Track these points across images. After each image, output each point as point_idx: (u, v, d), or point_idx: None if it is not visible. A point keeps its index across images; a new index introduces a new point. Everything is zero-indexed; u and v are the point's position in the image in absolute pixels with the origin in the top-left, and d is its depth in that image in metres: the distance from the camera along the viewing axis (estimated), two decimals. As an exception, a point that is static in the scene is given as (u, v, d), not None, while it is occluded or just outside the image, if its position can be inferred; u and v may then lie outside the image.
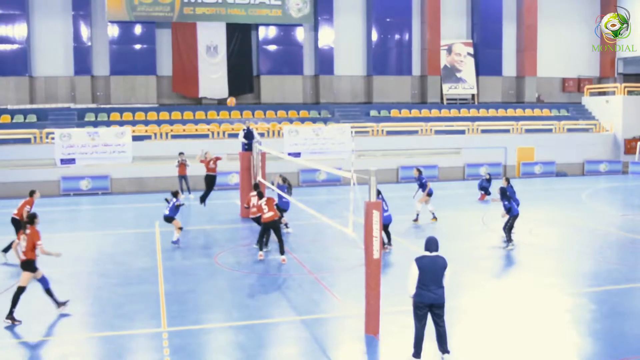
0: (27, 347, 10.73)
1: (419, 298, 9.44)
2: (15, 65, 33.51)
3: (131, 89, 34.85)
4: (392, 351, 10.23)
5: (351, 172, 11.41)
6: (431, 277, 9.36)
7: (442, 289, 9.47)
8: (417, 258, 9.53)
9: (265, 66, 36.89)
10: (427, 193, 20.98)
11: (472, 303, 12.62)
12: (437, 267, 9.43)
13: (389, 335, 10.74)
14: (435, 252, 9.52)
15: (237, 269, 15.33)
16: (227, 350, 10.44)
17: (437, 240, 9.62)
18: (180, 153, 27.14)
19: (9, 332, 11.27)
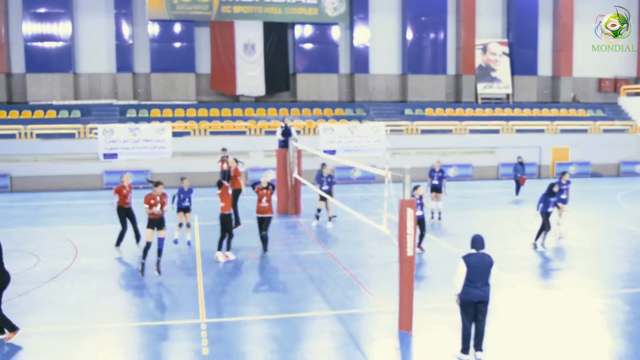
0: (68, 335, 11.17)
1: (466, 296, 9.57)
2: (61, 62, 34.58)
3: (171, 86, 35.68)
4: (425, 347, 10.39)
5: (386, 170, 11.59)
6: (478, 274, 9.50)
7: (488, 287, 9.63)
8: (464, 256, 9.66)
9: (302, 64, 37.39)
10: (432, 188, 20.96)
11: (506, 302, 12.68)
12: (485, 264, 9.57)
13: (422, 332, 10.90)
14: (482, 250, 9.67)
15: (273, 263, 15.76)
16: (263, 342, 10.75)
17: (483, 238, 9.76)
18: (223, 149, 27.80)
19: (52, 320, 11.81)
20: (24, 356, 10.38)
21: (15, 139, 29.97)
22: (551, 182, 17.42)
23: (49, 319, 11.88)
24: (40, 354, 10.40)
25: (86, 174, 29.56)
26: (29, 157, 29.62)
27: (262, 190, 16.44)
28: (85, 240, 18.15)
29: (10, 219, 22.09)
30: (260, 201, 16.39)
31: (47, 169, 29.44)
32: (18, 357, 10.35)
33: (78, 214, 23.19)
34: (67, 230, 19.87)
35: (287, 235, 19.42)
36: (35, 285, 13.89)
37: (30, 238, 18.82)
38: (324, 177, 20.36)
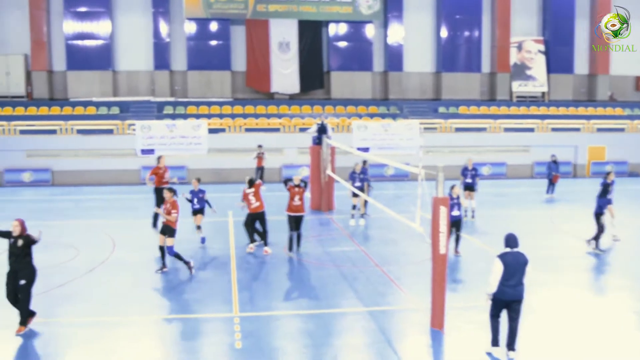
0: (104, 326, 11.49)
1: (499, 294, 9.62)
2: (100, 60, 35.29)
3: (207, 84, 36.15)
4: (457, 346, 10.45)
5: (419, 167, 11.64)
6: (513, 273, 9.53)
7: (522, 286, 9.66)
8: (500, 255, 9.69)
9: (336, 62, 37.55)
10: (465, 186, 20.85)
11: (540, 302, 12.64)
12: (519, 263, 9.60)
13: (454, 330, 10.94)
14: (516, 249, 9.71)
15: (306, 259, 15.97)
16: (295, 337, 10.95)
17: (517, 237, 9.81)
18: (259, 146, 28.23)
19: (88, 311, 12.17)
20: (61, 346, 10.73)
21: (56, 134, 30.69)
22: (604, 182, 17.13)
23: (85, 310, 12.24)
24: (76, 344, 10.73)
25: (124, 169, 30.14)
26: (69, 152, 30.30)
27: (294, 188, 16.12)
28: (122, 234, 18.60)
29: (50, 212, 22.69)
30: (293, 199, 16.06)
31: (86, 164, 30.11)
32: (55, 346, 10.70)
33: (116, 208, 23.71)
34: (105, 224, 20.36)
35: (320, 231, 19.63)
36: (73, 277, 14.31)
37: (69, 231, 19.34)
38: (357, 174, 20.50)
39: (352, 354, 10.27)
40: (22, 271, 10.84)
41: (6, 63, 34.77)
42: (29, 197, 26.24)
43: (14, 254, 10.84)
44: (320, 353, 10.24)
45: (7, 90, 34.77)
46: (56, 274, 14.43)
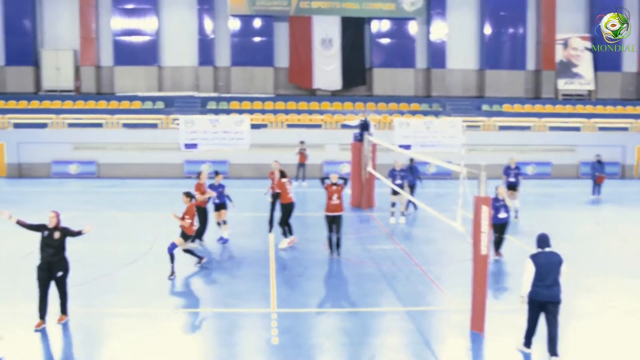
0: (144, 317, 11.68)
1: (534, 295, 9.49)
2: (146, 55, 35.86)
3: (250, 80, 36.41)
4: (497, 350, 10.29)
5: (461, 166, 11.53)
6: (547, 273, 9.39)
7: (558, 287, 9.48)
8: (532, 255, 9.59)
9: (378, 59, 37.42)
10: (507, 185, 20.48)
11: (586, 306, 12.42)
12: (553, 263, 9.45)
13: (495, 333, 10.74)
14: (549, 248, 9.57)
15: (345, 257, 15.90)
16: (332, 334, 10.91)
17: (548, 236, 9.67)
18: (301, 142, 28.34)
19: (129, 302, 12.37)
20: (100, 336, 10.94)
21: (102, 127, 31.28)
22: None
23: (125, 301, 12.44)
24: (115, 334, 10.91)
25: (167, 162, 30.57)
26: (115, 145, 30.86)
27: (331, 187, 15.39)
28: (164, 227, 18.68)
29: (95, 204, 23.14)
30: (330, 199, 15.34)
31: (131, 157, 30.61)
32: (95, 336, 10.93)
33: (158, 201, 24.03)
34: (147, 217, 20.68)
35: (360, 229, 19.60)
36: (115, 268, 14.56)
37: (112, 222, 19.69)
38: (397, 172, 20.41)
39: (389, 354, 10.21)
40: (58, 263, 10.79)
41: (56, 58, 35.57)
42: (75, 189, 26.79)
43: (50, 246, 10.74)
44: (357, 352, 10.21)
45: (57, 84, 35.57)
46: (98, 265, 14.72)
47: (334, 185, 15.44)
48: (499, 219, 14.91)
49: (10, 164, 30.19)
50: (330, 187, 15.42)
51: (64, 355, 10.25)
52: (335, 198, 15.38)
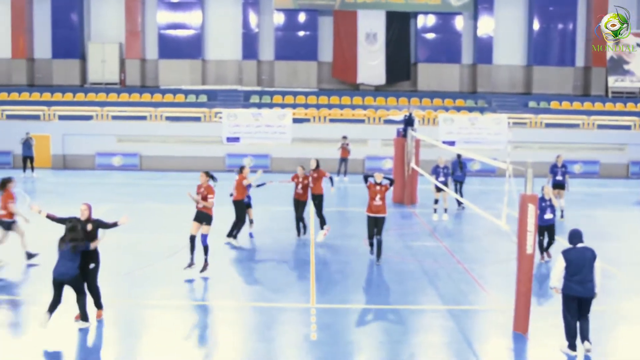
0: (184, 309, 11.72)
1: (568, 291, 9.45)
2: (191, 49, 36.05)
3: (293, 74, 36.32)
4: (541, 351, 10.08)
5: (507, 163, 11.28)
6: (579, 269, 9.35)
7: (591, 282, 9.39)
8: (564, 250, 9.54)
9: (423, 54, 36.93)
10: (554, 184, 19.77)
11: (633, 308, 12.08)
12: (586, 259, 9.39)
13: (538, 334, 10.52)
14: (582, 244, 9.49)
15: (386, 253, 15.62)
16: (372, 332, 10.81)
17: (581, 232, 9.61)
18: (343, 137, 28.17)
19: (169, 294, 12.39)
20: (139, 327, 10.99)
21: (146, 120, 31.57)
22: None
23: (166, 293, 12.47)
24: (153, 326, 10.97)
25: (210, 156, 30.67)
26: (157, 137, 31.10)
27: (375, 187, 14.51)
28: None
29: (137, 196, 23.35)
30: (373, 199, 14.46)
31: (173, 150, 30.83)
32: (133, 328, 10.98)
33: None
34: (188, 209, 20.65)
35: (402, 225, 19.34)
36: (155, 260, 14.59)
37: (154, 214, 19.81)
38: (440, 168, 20.07)
39: (429, 353, 10.03)
40: (90, 255, 10.59)
41: (102, 51, 36.02)
42: (118, 181, 27.08)
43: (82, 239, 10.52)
44: (396, 350, 10.04)
45: (102, 77, 36.02)
46: (138, 257, 14.78)
47: (378, 185, 14.54)
48: (544, 220, 14.42)
49: (56, 156, 30.70)
50: (373, 187, 14.57)
51: (101, 345, 10.29)
52: (378, 199, 14.50)
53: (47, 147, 30.58)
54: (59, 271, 10.13)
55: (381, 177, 14.60)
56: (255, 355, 9.79)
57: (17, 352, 9.69)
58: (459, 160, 21.48)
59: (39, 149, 29.11)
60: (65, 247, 10.14)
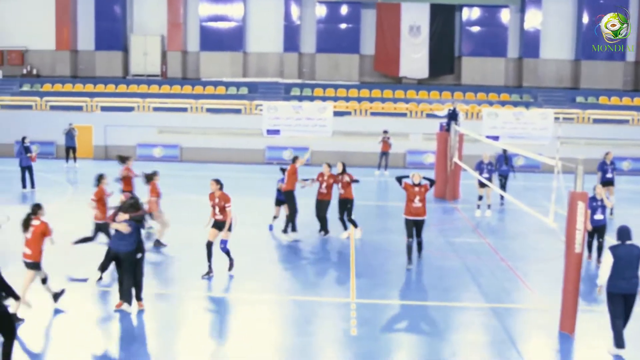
0: (224, 303, 11.65)
1: (614, 288, 9.31)
2: (232, 41, 36.02)
3: (335, 67, 36.02)
4: (587, 352, 9.77)
5: (556, 159, 10.92)
6: (626, 266, 9.25)
7: (637, 279, 9.29)
8: (611, 247, 9.41)
9: (467, 47, 36.24)
10: (603, 182, 19.02)
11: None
12: (633, 255, 9.30)
13: (585, 335, 10.18)
14: (630, 241, 9.37)
15: (427, 249, 15.32)
16: (412, 328, 10.56)
17: (630, 229, 9.45)
18: (384, 131, 27.81)
19: (208, 286, 12.30)
20: (177, 319, 10.91)
21: (187, 112, 31.66)
22: None
23: (204, 285, 12.36)
24: (192, 317, 10.90)
25: (249, 148, 30.63)
26: (198, 129, 31.17)
27: (413, 188, 13.54)
28: (243, 213, 18.49)
29: (177, 187, 23.32)
30: (412, 200, 13.47)
31: (213, 142, 30.86)
32: (171, 319, 10.90)
33: (239, 186, 23.89)
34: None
35: (443, 221, 18.95)
36: (194, 251, 14.44)
37: (194, 206, 19.70)
38: (484, 164, 19.55)
39: (471, 351, 9.73)
40: (137, 246, 10.69)
41: (144, 43, 36.25)
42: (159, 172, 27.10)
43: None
44: (437, 347, 9.78)
45: (144, 69, 36.26)
46: (178, 249, 14.69)
47: (417, 186, 13.55)
48: (595, 221, 13.82)
49: (98, 146, 31.02)
50: (411, 188, 13.57)
51: (143, 334, 10.22)
52: (418, 200, 13.49)
53: (90, 137, 30.92)
54: (116, 243, 10.48)
55: (419, 177, 13.67)
56: (295, 350, 9.64)
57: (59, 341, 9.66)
58: (504, 155, 20.98)
59: (82, 139, 29.43)
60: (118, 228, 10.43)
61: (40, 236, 10.23)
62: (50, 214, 13.19)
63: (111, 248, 10.66)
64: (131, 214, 10.46)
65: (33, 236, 10.22)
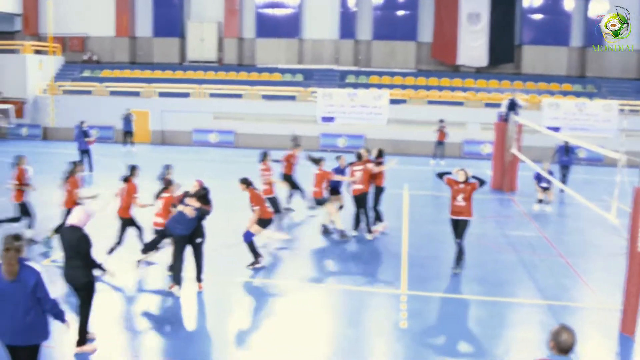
0: (272, 288, 11.54)
1: None
2: (289, 28, 35.96)
3: (391, 54, 35.56)
4: None
5: (620, 152, 10.47)
6: None
7: None
8: None
9: (528, 36, 35.24)
10: None
11: None
12: None
13: None
14: None
15: (482, 241, 15.00)
16: (464, 323, 10.26)
17: None
18: (440, 120, 27.34)
19: (258, 274, 12.24)
20: (228, 304, 10.88)
21: (242, 98, 31.77)
22: None
23: (255, 271, 12.30)
24: (243, 304, 10.86)
25: (304, 135, 30.38)
26: (253, 116, 31.28)
27: (457, 184, 12.36)
28: (295, 200, 18.37)
29: (232, 173, 23.36)
30: (455, 198, 12.33)
31: (268, 128, 30.92)
32: (222, 305, 10.86)
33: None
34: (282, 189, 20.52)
35: (499, 212, 18.48)
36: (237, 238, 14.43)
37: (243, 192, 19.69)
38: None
39: (525, 350, 9.33)
40: (197, 231, 10.95)
41: (201, 30, 36.51)
42: (214, 157, 27.35)
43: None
44: (490, 344, 9.44)
45: (201, 55, 36.54)
46: (230, 234, 14.66)
47: (462, 184, 12.31)
48: None
49: (155, 131, 31.46)
50: (455, 184, 12.38)
51: (194, 321, 10.19)
52: (461, 199, 12.30)
53: (147, 122, 31.38)
54: (173, 225, 10.78)
55: (465, 175, 12.30)
56: (345, 341, 9.47)
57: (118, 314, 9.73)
58: (565, 146, 20.36)
59: (139, 124, 29.88)
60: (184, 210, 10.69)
61: (169, 206, 11.55)
62: (107, 197, 13.48)
63: (167, 227, 10.91)
64: (202, 204, 10.75)
65: (163, 206, 11.66)
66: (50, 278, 7.72)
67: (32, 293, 6.45)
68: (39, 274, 6.47)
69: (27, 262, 6.51)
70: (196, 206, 10.70)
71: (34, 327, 6.57)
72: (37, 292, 6.47)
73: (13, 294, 6.42)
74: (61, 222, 12.32)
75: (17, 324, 6.49)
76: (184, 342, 9.15)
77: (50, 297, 6.56)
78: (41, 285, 6.47)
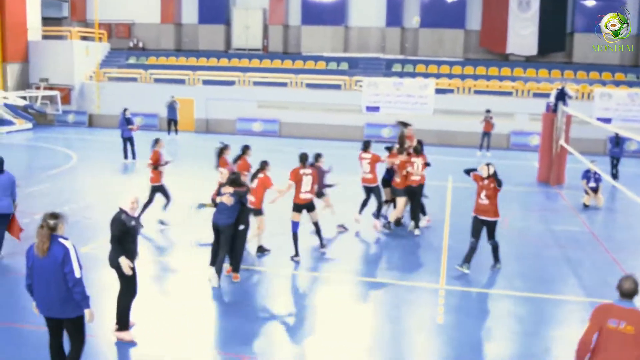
0: (312, 280, 11.53)
1: None
2: (334, 15, 35.71)
3: (438, 42, 35.00)
4: None
5: None
6: None
7: None
8: None
9: (581, 23, 34.20)
10: None
11: None
12: None
13: None
14: None
15: (525, 235, 14.65)
16: (503, 319, 10.00)
17: None
18: (487, 110, 26.80)
19: (299, 265, 12.18)
20: (268, 295, 10.84)
21: (286, 87, 31.69)
22: None
23: (284, 261, 12.26)
24: (284, 295, 10.86)
25: (348, 124, 30.35)
26: (297, 104, 31.17)
27: (481, 181, 11.67)
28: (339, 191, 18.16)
29: (275, 162, 23.33)
30: (479, 195, 11.63)
31: (312, 117, 30.79)
32: (262, 295, 10.82)
33: (337, 163, 23.64)
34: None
35: (545, 206, 18.01)
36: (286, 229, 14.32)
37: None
38: (592, 173, 18.12)
39: (566, 349, 8.95)
40: (241, 218, 10.94)
41: (246, 17, 36.56)
42: (258, 146, 27.25)
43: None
44: (530, 342, 9.17)
45: (246, 43, 36.60)
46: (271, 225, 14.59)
47: (486, 179, 11.59)
48: None
49: (199, 119, 31.64)
50: (479, 180, 11.71)
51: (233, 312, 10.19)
52: (484, 196, 11.54)
53: (191, 110, 31.58)
54: (216, 216, 10.79)
55: (487, 170, 11.56)
56: (382, 336, 9.37)
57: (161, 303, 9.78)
58: (616, 137, 19.75)
59: (183, 112, 30.09)
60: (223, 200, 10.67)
61: (262, 187, 12.02)
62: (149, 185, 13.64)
63: (213, 221, 10.92)
64: (235, 187, 10.73)
65: (257, 187, 12.04)
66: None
67: (61, 268, 6.71)
68: (67, 250, 6.72)
69: (60, 239, 6.75)
70: (231, 192, 10.68)
71: (68, 300, 6.83)
72: (64, 267, 6.70)
73: (45, 269, 6.72)
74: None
75: (52, 298, 6.81)
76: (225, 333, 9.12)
77: (75, 275, 6.73)
78: (68, 261, 6.70)
